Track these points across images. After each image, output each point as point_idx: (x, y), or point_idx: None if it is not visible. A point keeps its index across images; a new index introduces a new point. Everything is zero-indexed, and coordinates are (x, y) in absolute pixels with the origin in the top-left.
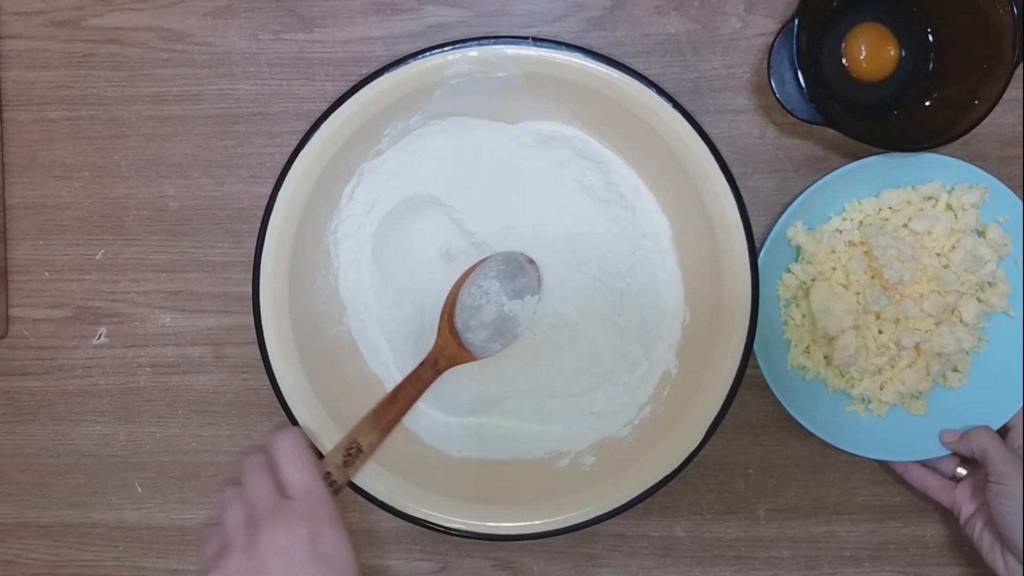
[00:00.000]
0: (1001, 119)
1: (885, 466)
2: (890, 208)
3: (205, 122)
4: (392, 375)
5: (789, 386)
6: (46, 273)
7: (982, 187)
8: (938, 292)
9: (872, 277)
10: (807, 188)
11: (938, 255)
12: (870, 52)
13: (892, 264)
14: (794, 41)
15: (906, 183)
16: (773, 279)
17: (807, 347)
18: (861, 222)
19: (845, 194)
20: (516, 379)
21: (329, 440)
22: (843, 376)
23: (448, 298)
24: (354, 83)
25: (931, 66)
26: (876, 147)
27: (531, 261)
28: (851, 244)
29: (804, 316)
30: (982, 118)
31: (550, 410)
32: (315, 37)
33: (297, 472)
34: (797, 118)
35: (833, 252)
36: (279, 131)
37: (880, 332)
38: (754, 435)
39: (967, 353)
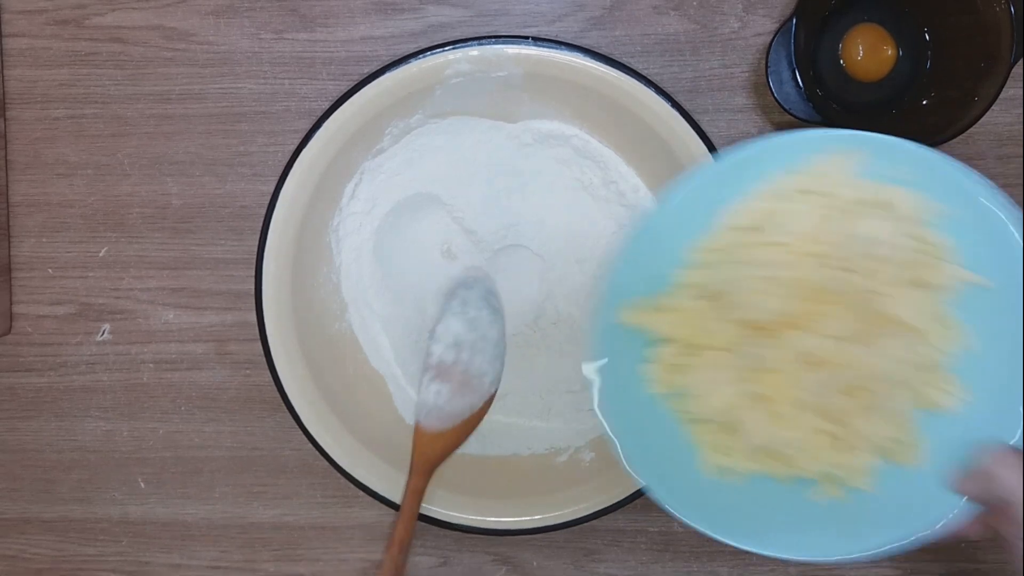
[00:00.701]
0: (998, 118)
1: None
2: (734, 228)
3: (208, 121)
4: (393, 371)
5: (717, 503)
6: (49, 270)
7: (848, 152)
8: (839, 304)
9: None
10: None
11: (817, 256)
12: (867, 52)
13: (750, 299)
14: (792, 41)
15: (748, 188)
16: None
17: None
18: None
19: (677, 237)
20: (515, 376)
21: (331, 437)
22: (781, 460)
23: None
24: (356, 82)
25: (928, 65)
26: None
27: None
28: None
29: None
30: (979, 117)
31: (549, 406)
32: (317, 36)
33: None
34: (795, 117)
35: (682, 314)
36: (281, 130)
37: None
38: None
39: (942, 356)
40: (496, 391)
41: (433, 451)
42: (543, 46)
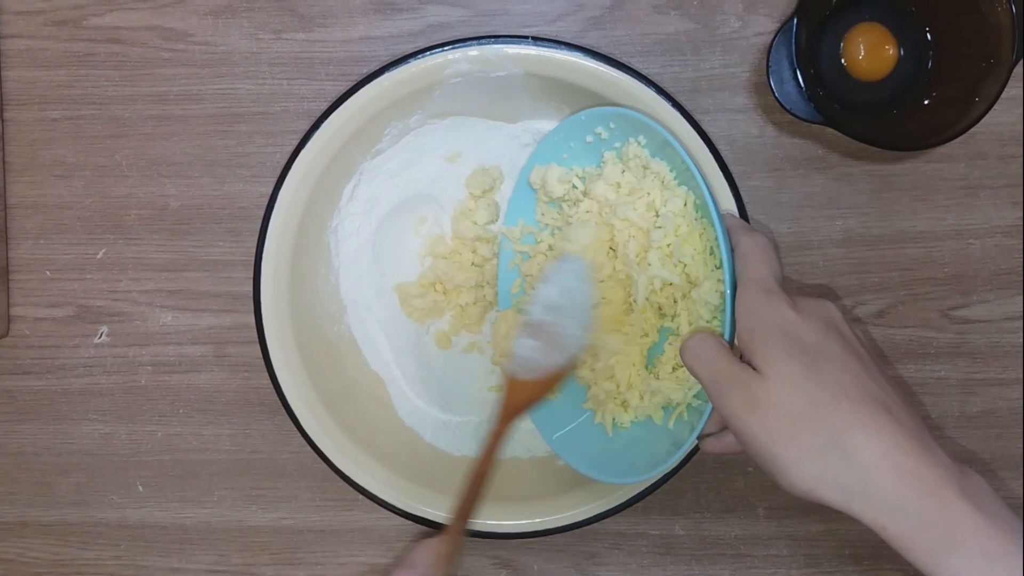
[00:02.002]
0: (1000, 118)
1: None
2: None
3: (206, 121)
4: (392, 373)
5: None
6: (47, 272)
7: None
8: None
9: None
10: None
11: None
12: (869, 51)
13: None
14: (793, 40)
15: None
16: None
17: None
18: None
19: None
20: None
21: (330, 440)
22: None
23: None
24: (354, 82)
25: (930, 65)
26: (875, 146)
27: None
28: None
29: None
30: (981, 117)
31: None
32: (315, 36)
33: None
34: (796, 117)
35: None
36: (280, 130)
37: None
38: None
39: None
40: (578, 355)
41: (519, 400)
42: (543, 46)
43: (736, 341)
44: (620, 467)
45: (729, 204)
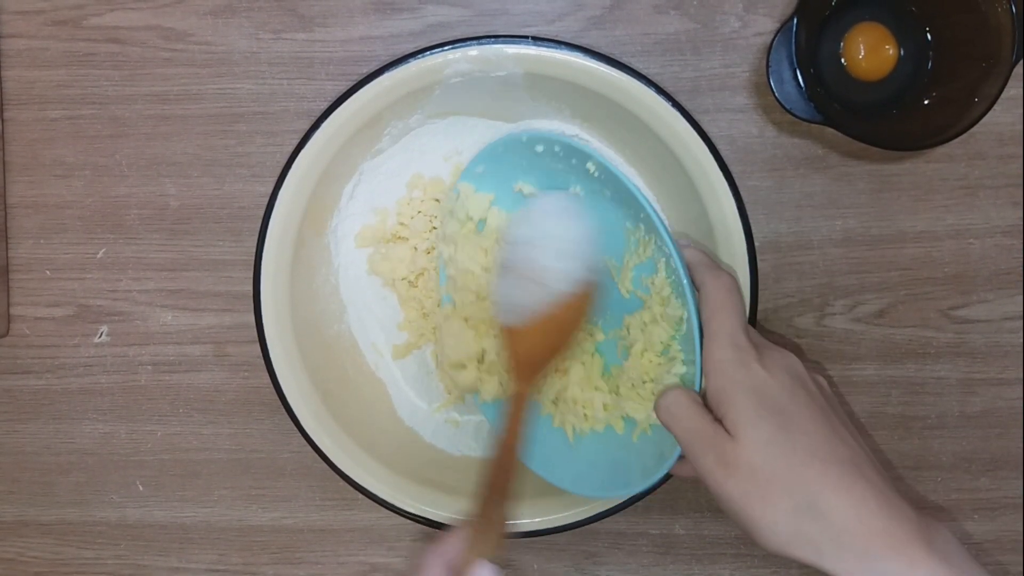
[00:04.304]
0: (1000, 118)
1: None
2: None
3: (206, 121)
4: (392, 373)
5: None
6: (47, 272)
7: None
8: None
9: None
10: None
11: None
12: (869, 51)
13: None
14: (793, 40)
15: None
16: None
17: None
18: None
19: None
20: None
21: (330, 439)
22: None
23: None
24: (354, 82)
25: (930, 65)
26: (875, 146)
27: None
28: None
29: None
30: (981, 117)
31: None
32: (315, 36)
33: None
34: (796, 117)
35: None
36: (280, 130)
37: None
38: None
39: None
40: (575, 291)
41: (526, 351)
42: (543, 46)
43: (706, 397)
44: (584, 475)
45: (729, 204)
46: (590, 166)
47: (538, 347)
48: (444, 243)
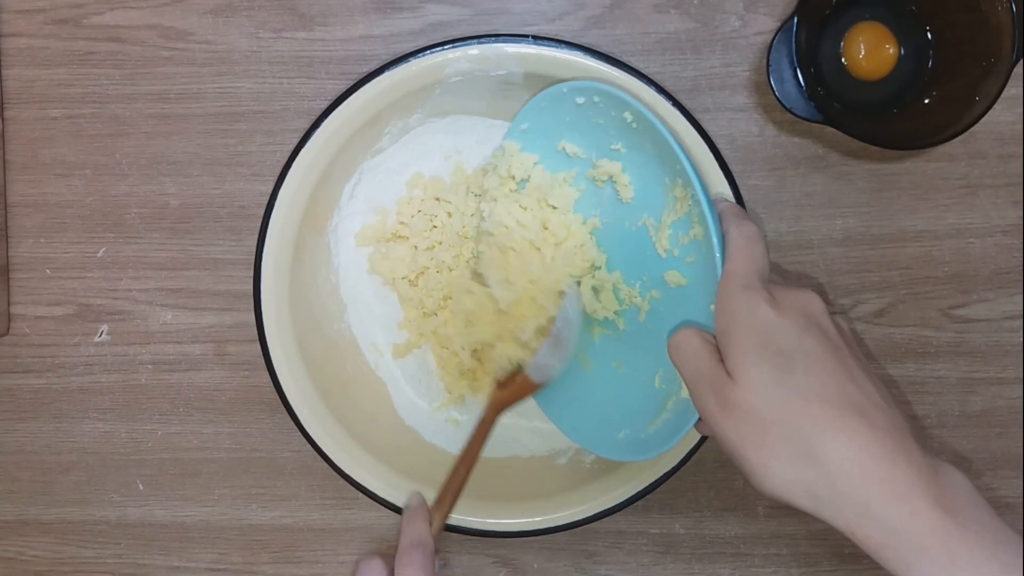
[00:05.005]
0: (1000, 117)
1: None
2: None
3: (206, 120)
4: (392, 373)
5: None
6: (47, 271)
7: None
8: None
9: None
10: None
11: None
12: (869, 50)
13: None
14: (793, 39)
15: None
16: None
17: None
18: None
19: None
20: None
21: (330, 438)
22: None
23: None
24: (355, 81)
25: (930, 64)
26: (875, 145)
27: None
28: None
29: None
30: (981, 116)
31: None
32: (316, 35)
33: None
34: (796, 116)
35: None
36: (280, 129)
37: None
38: None
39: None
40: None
41: (516, 396)
42: (543, 45)
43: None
44: (603, 431)
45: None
46: (627, 115)
47: (524, 393)
48: (484, 199)
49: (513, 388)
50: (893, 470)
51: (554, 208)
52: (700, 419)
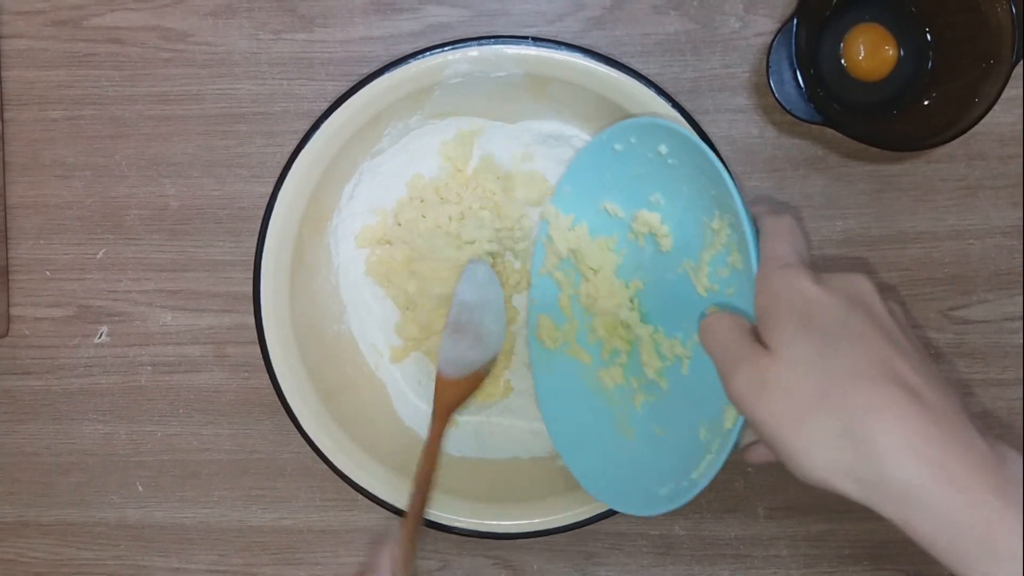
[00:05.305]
0: (1000, 118)
1: None
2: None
3: (206, 122)
4: (392, 374)
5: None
6: (47, 272)
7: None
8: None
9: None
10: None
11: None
12: (869, 51)
13: None
14: (793, 41)
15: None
16: None
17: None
18: None
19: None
20: (516, 378)
21: (330, 440)
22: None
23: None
24: (354, 83)
25: (930, 65)
26: (875, 146)
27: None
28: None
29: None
30: (981, 117)
31: None
32: (315, 37)
33: None
34: (796, 117)
35: None
36: (280, 130)
37: None
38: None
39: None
40: (500, 350)
41: (451, 397)
42: (543, 46)
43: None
44: (646, 491)
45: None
46: (662, 148)
47: (463, 394)
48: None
49: (440, 391)
50: (949, 454)
51: (595, 271)
52: (743, 444)
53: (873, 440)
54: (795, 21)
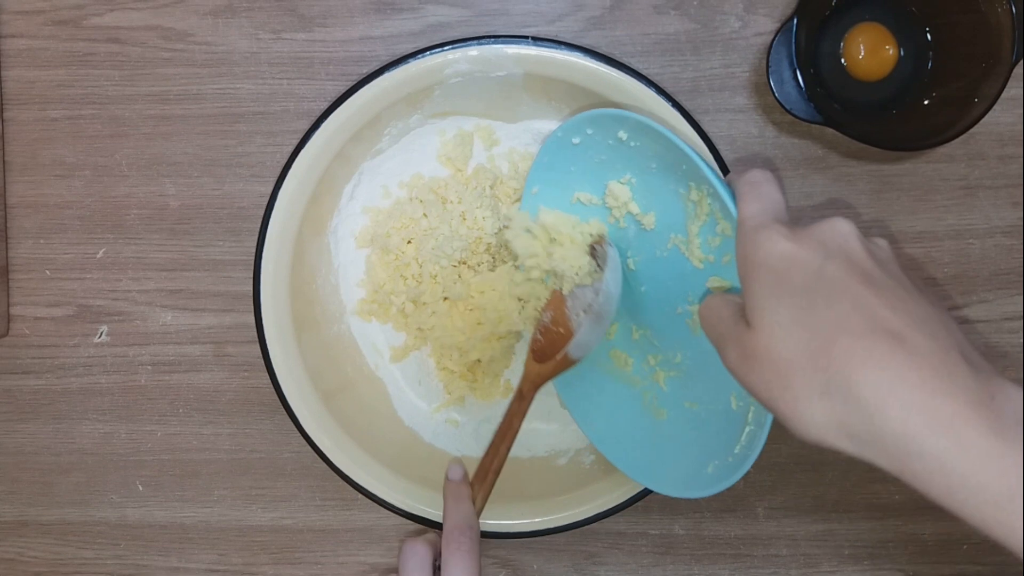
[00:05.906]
0: (1000, 118)
1: None
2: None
3: (206, 121)
4: (392, 373)
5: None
6: (47, 272)
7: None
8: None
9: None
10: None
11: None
12: (869, 51)
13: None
14: (793, 40)
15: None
16: None
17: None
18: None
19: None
20: (516, 378)
21: (330, 439)
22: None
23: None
24: (354, 82)
25: (930, 65)
26: (875, 146)
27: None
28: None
29: None
30: (981, 117)
31: (549, 409)
32: (315, 36)
33: None
34: (796, 117)
35: None
36: (280, 130)
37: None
38: None
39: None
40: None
41: (552, 372)
42: (543, 46)
43: None
44: (693, 472)
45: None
46: (621, 134)
47: (562, 369)
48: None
49: (552, 364)
50: (935, 398)
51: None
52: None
53: (858, 394)
54: (795, 21)
